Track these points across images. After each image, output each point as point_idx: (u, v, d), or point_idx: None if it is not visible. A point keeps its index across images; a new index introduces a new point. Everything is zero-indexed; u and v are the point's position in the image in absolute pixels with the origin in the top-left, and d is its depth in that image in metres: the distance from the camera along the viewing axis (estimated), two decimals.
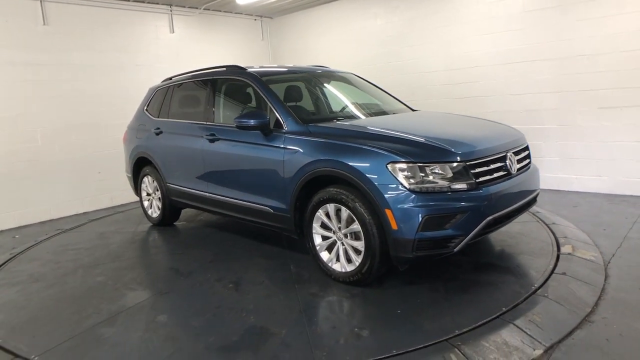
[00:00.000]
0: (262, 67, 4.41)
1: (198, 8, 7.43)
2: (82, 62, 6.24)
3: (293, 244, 4.15)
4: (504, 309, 2.70)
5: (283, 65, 4.71)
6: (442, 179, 2.83)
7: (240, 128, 3.61)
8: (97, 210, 6.33)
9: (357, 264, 3.08)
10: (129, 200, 6.57)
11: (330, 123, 3.59)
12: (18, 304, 3.32)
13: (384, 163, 2.86)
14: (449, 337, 2.46)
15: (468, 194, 2.83)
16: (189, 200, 4.58)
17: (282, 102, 3.70)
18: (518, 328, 2.52)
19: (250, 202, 3.81)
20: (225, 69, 4.32)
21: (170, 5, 7.16)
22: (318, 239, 3.35)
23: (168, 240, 4.71)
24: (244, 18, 8.33)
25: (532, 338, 2.43)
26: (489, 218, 2.87)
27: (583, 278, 3.08)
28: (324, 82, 4.57)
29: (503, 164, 3.10)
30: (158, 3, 6.99)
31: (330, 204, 3.19)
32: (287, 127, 3.51)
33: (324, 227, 3.30)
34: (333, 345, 2.48)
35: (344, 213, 3.11)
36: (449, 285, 3.10)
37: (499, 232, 3.76)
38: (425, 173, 2.82)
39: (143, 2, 6.82)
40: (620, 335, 2.44)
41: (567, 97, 5.27)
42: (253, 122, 3.52)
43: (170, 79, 5.09)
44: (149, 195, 5.24)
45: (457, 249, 2.84)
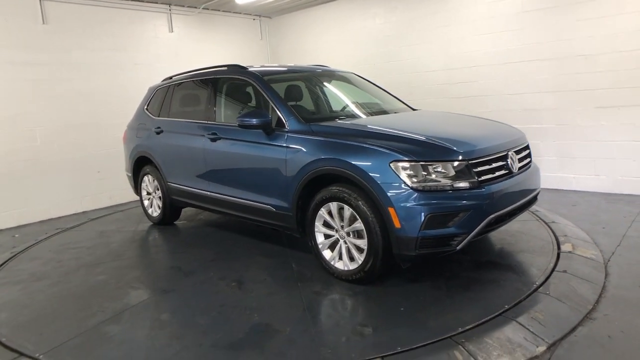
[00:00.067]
0: (263, 66, 4.43)
1: (197, 7, 7.42)
2: (81, 61, 6.23)
3: (294, 243, 4.16)
4: (507, 307, 2.73)
5: (283, 65, 4.72)
6: (444, 178, 2.86)
7: (243, 127, 3.62)
8: (96, 210, 6.32)
9: (359, 262, 3.10)
10: (128, 200, 6.56)
11: (332, 122, 3.60)
12: (21, 303, 3.32)
13: (387, 162, 2.88)
14: (453, 334, 2.48)
15: (470, 193, 2.85)
16: (190, 199, 4.59)
17: (284, 101, 3.72)
18: (521, 325, 2.54)
19: (252, 200, 3.82)
20: (227, 69, 4.33)
21: (169, 5, 7.16)
22: (320, 238, 3.37)
23: (169, 239, 4.72)
24: (243, 17, 8.33)
25: (534, 335, 2.46)
26: (491, 216, 2.90)
27: (584, 276, 3.11)
28: (325, 81, 4.59)
29: (504, 163, 3.13)
30: (157, 2, 6.98)
31: (333, 203, 3.20)
32: (289, 126, 3.53)
33: (326, 225, 3.32)
34: (338, 342, 2.50)
35: (347, 211, 3.13)
36: (451, 283, 3.13)
37: (499, 230, 3.79)
38: (428, 172, 2.85)
39: (142, 1, 6.82)
40: (622, 332, 2.47)
41: (565, 96, 5.32)
42: (255, 121, 3.53)
43: (171, 78, 5.09)
44: (149, 195, 5.24)
45: (459, 247, 2.86)
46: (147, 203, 5.30)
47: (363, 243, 3.06)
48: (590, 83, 5.09)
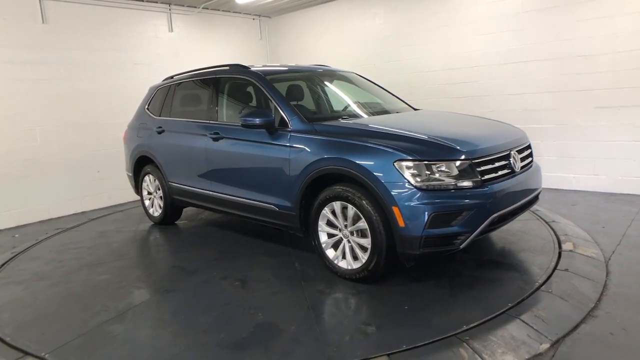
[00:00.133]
0: (265, 66, 4.43)
1: (197, 7, 7.42)
2: (80, 60, 6.21)
3: (296, 242, 4.17)
4: (510, 305, 2.75)
5: (285, 65, 4.72)
6: (448, 177, 2.87)
7: (246, 126, 3.62)
8: (96, 210, 6.31)
9: (363, 261, 3.11)
10: (128, 200, 6.55)
11: (335, 122, 3.62)
12: (24, 302, 3.31)
13: (391, 161, 2.89)
14: (457, 332, 2.49)
15: (474, 192, 2.87)
16: (192, 199, 4.59)
17: (287, 100, 3.72)
18: (524, 323, 2.56)
19: (255, 200, 3.83)
20: (229, 68, 4.33)
21: (169, 4, 7.15)
22: (324, 237, 3.37)
23: (170, 239, 4.71)
24: (242, 17, 8.33)
25: (538, 332, 2.48)
26: (494, 215, 2.91)
27: (585, 274, 3.13)
28: (327, 81, 4.60)
29: (507, 162, 3.14)
30: (157, 2, 6.98)
31: (337, 202, 3.21)
32: (292, 125, 3.53)
33: (330, 224, 3.33)
34: (343, 341, 2.51)
35: (351, 211, 3.14)
36: (454, 282, 3.14)
37: (500, 230, 3.79)
38: (432, 171, 2.86)
39: (142, 0, 6.81)
40: (624, 330, 2.49)
41: (565, 97, 5.35)
42: (258, 120, 3.53)
43: (172, 78, 5.08)
44: (150, 194, 5.23)
45: (462, 246, 2.87)
46: (147, 203, 5.30)
47: (367, 242, 3.07)
48: (590, 83, 5.13)
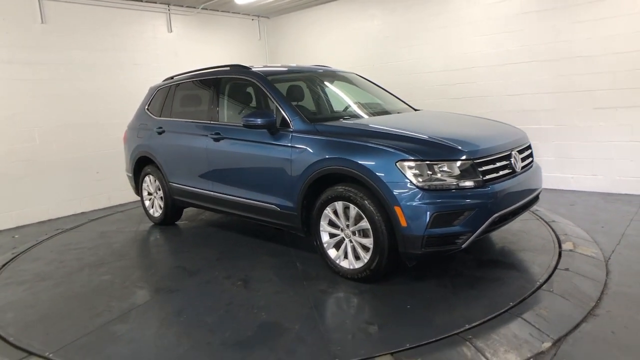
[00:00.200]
0: (266, 66, 4.44)
1: (196, 7, 7.43)
2: (80, 60, 6.21)
3: (297, 242, 4.18)
4: (512, 304, 2.77)
5: (285, 65, 4.73)
6: (449, 177, 2.89)
7: (248, 127, 3.63)
8: (95, 210, 6.30)
9: (365, 261, 3.13)
10: (127, 200, 6.55)
11: (337, 122, 3.64)
12: (27, 303, 3.31)
13: (394, 161, 2.91)
14: (460, 330, 2.51)
15: (475, 192, 2.89)
16: (193, 199, 4.59)
17: (288, 101, 3.74)
18: (526, 322, 2.59)
19: (256, 200, 3.84)
20: (230, 69, 4.34)
21: (168, 5, 7.15)
22: (325, 237, 3.39)
23: (171, 239, 4.72)
24: (241, 18, 8.34)
25: (540, 331, 2.50)
26: (495, 215, 2.94)
27: (585, 273, 3.16)
28: (327, 81, 4.62)
29: (508, 162, 3.17)
30: (156, 2, 6.98)
31: (339, 202, 3.22)
32: (294, 125, 3.55)
33: (332, 224, 3.34)
34: (347, 340, 2.52)
35: (353, 211, 3.15)
36: (456, 281, 3.17)
37: (501, 229, 3.81)
38: (434, 171, 2.88)
39: (141, 1, 6.81)
40: (625, 328, 2.52)
41: (564, 97, 5.38)
42: (260, 121, 3.54)
43: (172, 78, 5.09)
44: (151, 195, 5.23)
45: (464, 246, 2.90)
46: (148, 203, 5.30)
47: (369, 242, 3.08)
48: (589, 84, 5.16)
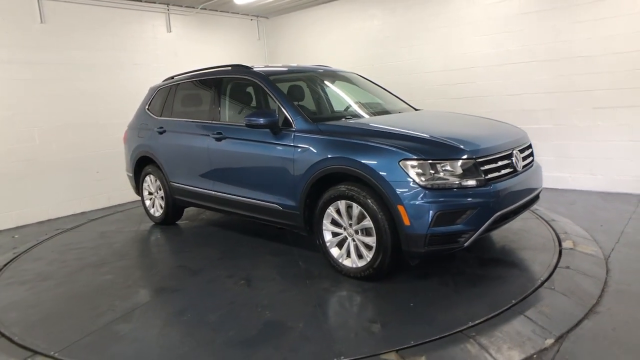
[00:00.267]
0: (267, 66, 4.45)
1: (195, 7, 7.43)
2: (79, 60, 6.20)
3: (299, 241, 4.20)
4: (514, 302, 2.79)
5: (286, 65, 4.74)
6: (452, 176, 2.91)
7: (250, 126, 3.63)
8: (95, 210, 6.29)
9: (368, 260, 3.15)
10: (127, 200, 6.54)
11: (339, 121, 3.65)
12: (30, 302, 3.31)
13: (397, 160, 2.93)
14: (463, 328, 2.53)
15: (478, 190, 2.91)
16: (194, 199, 4.59)
17: (291, 100, 3.75)
18: (529, 319, 2.61)
19: (259, 199, 3.85)
20: (231, 69, 4.35)
21: (167, 5, 7.15)
22: (328, 236, 3.40)
23: (172, 239, 4.72)
24: (240, 18, 8.35)
25: (542, 328, 2.52)
26: (497, 214, 2.96)
27: (586, 271, 3.19)
28: (328, 81, 4.63)
29: (509, 162, 3.19)
30: (155, 2, 6.97)
31: (341, 201, 3.24)
32: (296, 125, 3.56)
33: (334, 223, 3.36)
34: (351, 338, 2.54)
35: (355, 210, 3.17)
36: (458, 279, 3.19)
37: (501, 228, 3.82)
38: (436, 170, 2.90)
39: (140, 1, 6.80)
40: (626, 325, 2.54)
41: (563, 97, 5.41)
42: (263, 120, 3.55)
43: (172, 78, 5.09)
44: (151, 195, 5.23)
45: (467, 244, 2.92)
46: (148, 203, 5.29)
47: (372, 240, 3.10)
48: (588, 84, 5.19)
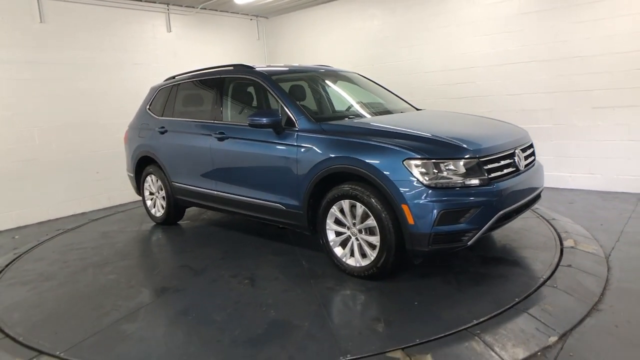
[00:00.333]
0: (269, 66, 4.46)
1: (195, 7, 7.43)
2: (79, 60, 6.19)
3: (301, 240, 4.21)
4: (517, 300, 2.82)
5: (287, 65, 4.75)
6: (455, 175, 2.93)
7: (253, 126, 3.64)
8: (95, 210, 6.28)
9: (372, 259, 3.16)
10: (127, 200, 6.54)
11: (342, 121, 3.67)
12: (33, 303, 3.30)
13: (401, 160, 2.94)
14: (468, 326, 2.56)
15: (481, 190, 2.93)
16: (196, 199, 4.60)
17: (294, 100, 3.76)
18: (532, 317, 2.63)
19: (262, 199, 3.86)
20: (233, 68, 4.36)
21: (167, 4, 7.15)
22: (332, 235, 3.42)
23: (174, 239, 4.72)
24: (240, 18, 8.35)
25: (546, 326, 2.55)
26: (501, 212, 2.98)
27: (587, 270, 3.22)
28: (330, 81, 4.65)
29: (512, 161, 3.22)
30: (155, 2, 6.97)
31: (345, 200, 3.25)
32: (299, 125, 3.57)
33: (338, 223, 3.37)
34: (357, 336, 2.55)
35: (359, 209, 3.18)
36: (461, 278, 3.21)
37: (502, 228, 3.84)
38: (440, 169, 2.91)
39: (140, 0, 6.79)
40: (628, 322, 2.57)
41: (562, 97, 5.45)
42: (266, 120, 3.56)
43: (174, 78, 5.09)
44: (152, 195, 5.23)
45: (470, 243, 2.94)
46: (149, 203, 5.29)
47: (375, 240, 3.11)
48: (587, 84, 5.23)
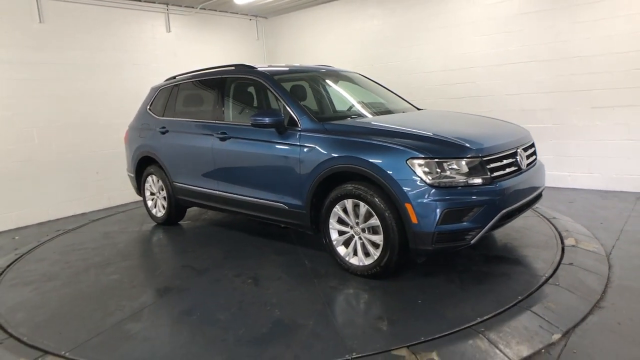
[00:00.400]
0: (270, 66, 4.47)
1: (194, 7, 7.42)
2: (78, 60, 6.18)
3: (303, 240, 4.22)
4: (520, 297, 2.84)
5: (288, 65, 4.76)
6: (458, 174, 2.94)
7: (256, 126, 3.64)
8: (96, 211, 6.27)
9: (375, 258, 3.17)
10: (128, 201, 6.53)
11: (345, 121, 3.68)
12: (36, 303, 3.30)
13: (404, 159, 2.96)
14: (472, 324, 2.57)
15: (483, 189, 2.95)
16: (198, 199, 4.60)
17: (296, 100, 3.77)
18: (535, 314, 2.65)
19: (264, 199, 3.86)
20: (234, 68, 4.36)
21: (167, 5, 7.14)
22: (335, 235, 3.42)
23: (176, 239, 4.72)
24: (239, 18, 8.35)
25: (549, 323, 2.57)
26: (503, 211, 3.00)
27: (589, 268, 3.24)
28: (331, 81, 4.65)
29: (514, 160, 3.24)
30: (154, 2, 6.96)
31: (348, 200, 3.26)
32: (302, 124, 3.58)
33: (341, 222, 3.38)
34: (362, 334, 2.56)
35: (362, 208, 3.19)
36: (464, 276, 3.23)
37: (504, 227, 3.86)
38: (443, 168, 2.93)
39: (140, 0, 6.79)
40: (630, 319, 2.59)
41: (562, 97, 5.48)
42: (268, 120, 3.56)
43: (174, 78, 5.09)
44: (153, 195, 5.22)
45: (473, 242, 2.95)
46: (150, 203, 5.29)
47: (379, 239, 3.13)
48: (586, 84, 5.26)
